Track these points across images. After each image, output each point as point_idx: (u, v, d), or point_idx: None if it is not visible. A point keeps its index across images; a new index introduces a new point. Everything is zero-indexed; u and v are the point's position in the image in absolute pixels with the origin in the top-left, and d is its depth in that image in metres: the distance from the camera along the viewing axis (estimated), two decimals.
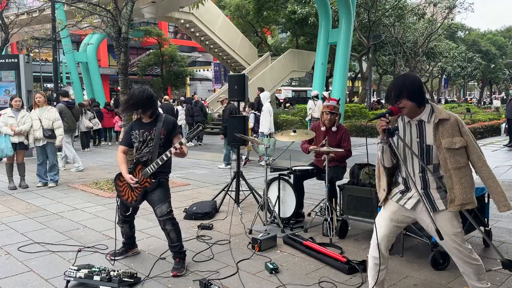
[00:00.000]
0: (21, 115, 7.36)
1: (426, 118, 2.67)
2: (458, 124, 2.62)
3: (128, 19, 7.14)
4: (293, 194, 4.94)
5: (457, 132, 2.61)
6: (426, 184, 2.71)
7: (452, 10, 28.39)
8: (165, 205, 3.69)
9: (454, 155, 2.60)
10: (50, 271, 3.75)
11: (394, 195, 2.85)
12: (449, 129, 2.61)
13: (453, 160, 2.60)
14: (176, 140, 3.71)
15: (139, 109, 3.68)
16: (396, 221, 2.84)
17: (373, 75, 35.81)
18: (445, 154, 2.60)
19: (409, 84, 2.62)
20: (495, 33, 50.38)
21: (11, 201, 6.45)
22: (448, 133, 2.60)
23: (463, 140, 2.61)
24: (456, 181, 2.61)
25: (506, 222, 5.08)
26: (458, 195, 2.60)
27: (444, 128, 2.61)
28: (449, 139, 2.59)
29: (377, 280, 2.84)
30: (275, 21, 25.61)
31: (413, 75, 2.73)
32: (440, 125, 2.62)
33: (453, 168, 2.60)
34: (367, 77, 25.92)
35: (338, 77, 15.73)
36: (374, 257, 2.85)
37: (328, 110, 4.99)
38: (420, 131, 2.69)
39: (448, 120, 2.62)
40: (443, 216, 2.67)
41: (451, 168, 2.61)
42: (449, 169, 2.61)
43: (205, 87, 39.06)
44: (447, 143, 2.59)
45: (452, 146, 2.59)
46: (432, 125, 2.64)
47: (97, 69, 21.09)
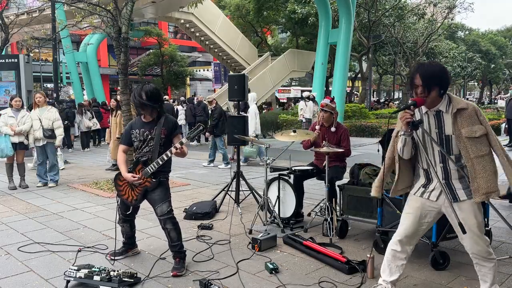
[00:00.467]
0: (21, 115, 7.36)
1: (444, 109, 2.62)
2: (477, 113, 2.59)
3: (128, 19, 7.14)
4: (293, 194, 4.94)
5: (476, 120, 2.58)
6: (447, 174, 2.68)
7: (452, 10, 28.39)
8: (165, 204, 3.69)
9: (476, 143, 2.56)
10: (50, 271, 3.75)
11: (417, 190, 2.81)
12: (467, 118, 2.57)
13: (475, 149, 2.56)
14: (176, 140, 3.70)
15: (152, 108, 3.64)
16: (421, 217, 2.79)
17: (373, 75, 35.81)
18: (466, 143, 2.56)
19: (440, 74, 2.56)
20: (495, 33, 50.38)
21: (11, 201, 6.45)
22: (468, 122, 2.56)
23: (483, 128, 2.57)
24: (479, 169, 2.58)
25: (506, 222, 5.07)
26: (482, 184, 2.58)
27: (463, 118, 2.57)
28: (469, 127, 2.55)
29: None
30: (275, 21, 25.61)
31: (440, 64, 2.66)
32: (459, 114, 2.58)
33: (475, 156, 2.57)
34: (367, 77, 25.93)
35: (338, 77, 15.73)
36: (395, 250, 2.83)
37: (320, 108, 5.04)
38: (438, 121, 2.65)
39: (466, 109, 2.58)
40: (465, 207, 2.63)
41: (473, 157, 2.57)
42: (471, 158, 2.57)
43: (205, 87, 39.05)
44: (467, 132, 2.55)
45: (473, 134, 2.55)
46: (450, 115, 2.59)
47: (97, 69, 21.09)
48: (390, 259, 2.86)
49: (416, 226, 2.82)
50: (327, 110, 5.03)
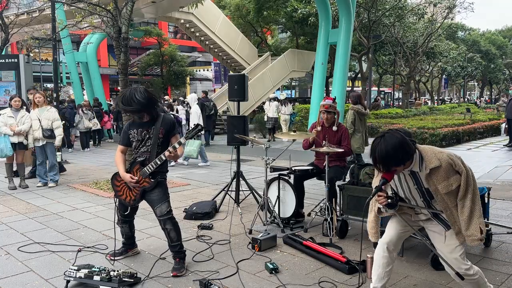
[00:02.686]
0: (21, 115, 7.36)
1: (417, 169, 2.63)
2: (452, 166, 2.58)
3: (128, 19, 7.14)
4: (293, 194, 4.94)
5: (452, 172, 2.58)
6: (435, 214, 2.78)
7: (452, 10, 28.38)
8: (164, 204, 3.68)
9: (452, 193, 2.61)
10: (50, 271, 3.75)
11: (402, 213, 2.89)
12: (443, 174, 2.57)
13: (453, 199, 2.62)
14: (174, 140, 3.70)
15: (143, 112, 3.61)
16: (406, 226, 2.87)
17: (373, 75, 35.79)
18: (443, 196, 2.61)
19: (393, 154, 2.50)
20: (495, 33, 50.37)
21: (11, 201, 6.45)
22: (443, 178, 2.57)
23: (459, 177, 2.59)
24: (456, 214, 2.64)
25: (506, 222, 5.08)
26: (463, 227, 2.62)
27: (438, 175, 2.58)
28: (445, 182, 2.57)
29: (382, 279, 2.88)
30: (275, 21, 25.59)
31: (393, 140, 2.53)
32: (433, 173, 2.58)
33: (453, 206, 2.63)
34: (367, 77, 25.92)
35: (338, 77, 15.71)
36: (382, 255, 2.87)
37: (324, 109, 5.04)
38: (415, 179, 2.68)
39: (440, 167, 2.57)
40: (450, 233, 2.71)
41: (452, 207, 2.63)
42: (450, 208, 2.63)
43: (205, 87, 39.00)
44: (444, 188, 2.58)
45: (450, 188, 2.58)
46: (424, 173, 2.62)
47: (97, 69, 21.07)
48: (378, 264, 2.90)
49: (401, 230, 2.88)
50: (330, 111, 5.03)
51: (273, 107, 15.28)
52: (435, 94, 46.64)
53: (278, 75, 21.92)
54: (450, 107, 32.49)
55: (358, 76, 30.24)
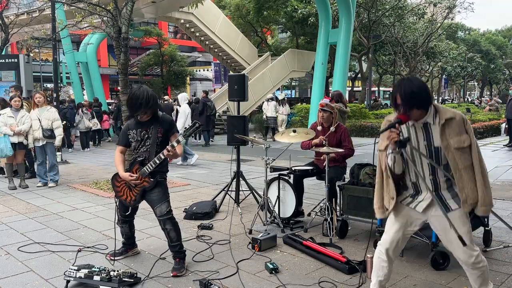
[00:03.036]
0: (21, 115, 7.36)
1: (431, 120, 2.60)
2: (464, 122, 2.57)
3: (128, 19, 7.13)
4: (293, 194, 4.94)
5: (463, 130, 2.56)
6: (437, 185, 2.67)
7: (452, 10, 28.38)
8: (164, 204, 3.69)
9: (463, 153, 2.54)
10: (50, 271, 3.75)
11: (404, 199, 2.79)
12: (456, 128, 2.55)
13: (463, 159, 2.55)
14: (173, 139, 3.70)
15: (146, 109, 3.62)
16: (407, 225, 2.79)
17: (373, 75, 35.78)
18: (455, 154, 2.54)
19: (419, 93, 2.52)
20: (495, 33, 50.38)
21: (11, 201, 6.45)
22: (455, 132, 2.54)
23: (469, 138, 2.56)
24: (466, 179, 2.55)
25: (506, 222, 5.07)
26: (470, 195, 2.55)
27: (451, 128, 2.55)
28: (457, 138, 2.54)
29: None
30: (275, 21, 25.60)
31: (419, 81, 2.61)
32: (447, 125, 2.56)
33: (463, 167, 2.55)
34: (367, 77, 25.92)
35: (338, 77, 15.72)
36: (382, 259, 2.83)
37: (320, 108, 5.05)
38: (426, 133, 2.62)
39: (454, 119, 2.56)
40: (456, 216, 2.62)
41: (462, 168, 2.55)
42: (460, 169, 2.55)
43: (205, 87, 39.00)
44: (456, 143, 2.53)
45: (462, 145, 2.53)
46: (438, 126, 2.58)
47: (97, 69, 21.08)
48: (377, 267, 2.87)
49: (401, 234, 2.81)
50: (326, 110, 5.04)
51: (271, 106, 15.61)
52: (435, 94, 46.65)
53: (278, 75, 21.92)
54: (450, 107, 32.45)
55: (358, 76, 30.27)
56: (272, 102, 15.76)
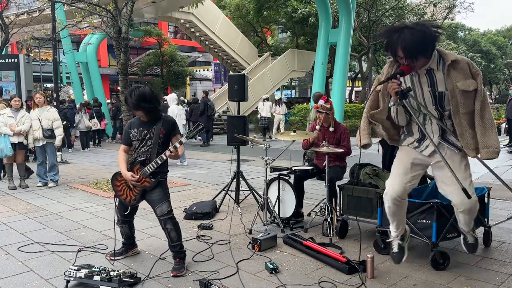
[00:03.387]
0: (21, 115, 7.36)
1: (435, 66, 2.53)
2: (469, 66, 2.50)
3: (128, 19, 7.14)
4: (293, 194, 4.94)
5: (469, 74, 2.49)
6: (444, 130, 2.64)
7: (452, 10, 28.37)
8: (165, 204, 3.69)
9: (467, 98, 2.49)
10: (50, 271, 3.75)
11: (411, 143, 2.76)
12: (461, 71, 2.49)
13: (466, 104, 2.49)
14: (175, 140, 3.71)
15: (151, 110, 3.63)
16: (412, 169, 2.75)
17: (373, 75, 35.78)
18: (459, 98, 2.48)
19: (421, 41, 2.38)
20: (495, 33, 50.38)
21: (11, 201, 6.45)
22: (462, 75, 2.48)
23: (475, 83, 2.49)
24: (465, 124, 2.51)
25: (506, 222, 5.08)
26: (469, 140, 2.51)
27: (457, 71, 2.48)
28: (463, 81, 2.47)
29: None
30: (275, 21, 25.60)
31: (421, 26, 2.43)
32: (452, 68, 2.48)
33: (464, 113, 2.50)
34: (367, 77, 25.92)
35: (338, 77, 15.71)
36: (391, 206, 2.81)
37: (315, 109, 5.07)
38: (430, 79, 2.56)
39: (459, 62, 2.49)
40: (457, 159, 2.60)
41: (462, 113, 2.50)
42: (460, 114, 2.50)
43: (205, 87, 38.98)
44: (463, 85, 2.47)
45: (467, 88, 2.47)
46: (442, 71, 2.51)
47: (97, 69, 21.05)
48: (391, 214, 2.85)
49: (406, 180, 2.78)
50: (322, 111, 5.04)
51: (266, 107, 15.76)
52: None
53: (278, 75, 21.92)
54: None
55: (358, 76, 30.26)
56: (267, 102, 15.86)
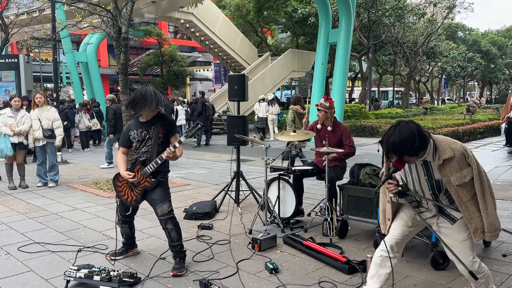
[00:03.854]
0: (21, 115, 7.36)
1: (431, 158, 2.59)
2: (465, 157, 2.54)
3: (128, 19, 7.14)
4: (293, 194, 4.94)
5: (465, 164, 2.54)
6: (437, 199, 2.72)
7: (452, 10, 28.38)
8: (166, 204, 3.69)
9: (466, 186, 2.54)
10: (50, 271, 3.75)
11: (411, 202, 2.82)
12: (456, 165, 2.52)
13: (466, 192, 2.55)
14: (174, 140, 3.71)
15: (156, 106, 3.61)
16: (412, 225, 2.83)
17: (373, 75, 35.79)
18: (457, 189, 2.55)
19: (407, 146, 2.47)
20: (495, 33, 50.37)
21: (11, 201, 6.45)
22: (456, 169, 2.52)
23: (471, 170, 2.53)
24: (473, 210, 2.56)
25: (506, 222, 5.08)
26: (478, 224, 2.57)
27: (451, 166, 2.53)
28: (458, 174, 2.52)
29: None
30: (275, 21, 25.61)
31: (408, 130, 2.50)
32: (447, 163, 2.54)
33: (468, 200, 2.56)
34: (367, 77, 25.92)
35: (338, 77, 15.71)
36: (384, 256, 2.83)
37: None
38: (426, 169, 2.64)
39: (453, 158, 2.53)
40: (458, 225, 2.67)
41: (466, 200, 2.56)
42: (464, 202, 2.56)
43: (205, 87, 39.00)
44: (457, 180, 2.52)
45: (463, 180, 2.52)
46: (437, 165, 2.57)
47: (97, 69, 21.05)
48: (378, 264, 2.85)
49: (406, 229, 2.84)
50: (321, 109, 5.04)
51: (263, 107, 15.92)
52: (435, 94, 46.65)
53: (278, 75, 21.92)
54: (450, 107, 32.51)
55: (358, 76, 30.27)
56: (263, 103, 15.94)
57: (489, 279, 2.73)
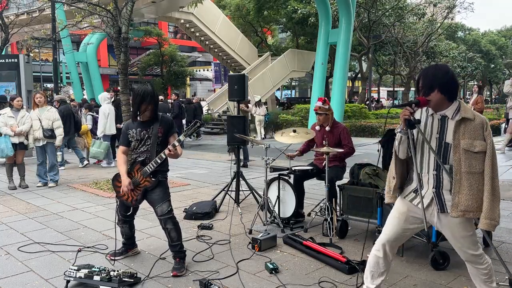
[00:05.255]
0: (21, 115, 7.36)
1: (450, 114, 2.53)
2: (483, 127, 2.47)
3: (128, 19, 7.14)
4: (293, 194, 4.94)
5: (480, 135, 2.47)
6: (439, 183, 2.59)
7: (452, 10, 28.38)
8: (165, 204, 3.69)
9: (470, 158, 2.46)
10: (50, 271, 3.75)
11: (408, 194, 2.74)
12: (471, 130, 2.46)
13: (468, 163, 2.47)
14: (173, 139, 3.71)
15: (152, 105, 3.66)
16: (407, 222, 2.73)
17: (373, 75, 35.80)
18: (461, 155, 2.47)
19: (442, 76, 2.48)
20: (495, 33, 50.39)
21: (11, 201, 6.45)
22: (470, 135, 2.46)
23: (484, 145, 2.46)
24: (465, 185, 2.48)
25: (506, 222, 5.08)
26: (462, 201, 2.48)
27: (467, 128, 2.47)
28: (469, 140, 2.45)
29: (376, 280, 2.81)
30: (275, 21, 25.63)
31: (446, 67, 2.57)
32: (463, 123, 2.48)
33: (465, 171, 2.48)
34: (367, 77, 25.93)
35: (338, 77, 15.74)
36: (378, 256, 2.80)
37: (315, 112, 5.08)
38: (441, 126, 2.56)
39: (472, 121, 2.47)
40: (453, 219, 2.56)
41: (464, 171, 2.48)
42: (462, 172, 2.48)
43: (205, 87, 39.07)
44: (466, 144, 2.45)
45: (471, 148, 2.45)
46: (454, 122, 2.51)
47: (97, 69, 21.08)
48: (372, 265, 2.81)
49: (400, 231, 2.76)
50: (321, 113, 5.04)
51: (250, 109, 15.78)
52: None
53: (278, 75, 21.94)
54: None
55: (358, 76, 30.27)
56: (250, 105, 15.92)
57: (492, 272, 2.68)
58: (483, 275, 2.66)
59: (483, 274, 2.66)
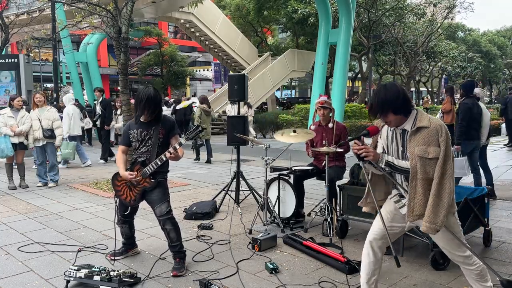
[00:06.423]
0: (21, 115, 7.36)
1: (409, 127, 2.58)
2: (438, 133, 2.48)
3: (128, 19, 7.14)
4: (293, 194, 4.94)
5: (435, 141, 2.48)
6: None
7: (452, 10, 28.37)
8: (164, 204, 3.69)
9: (425, 164, 2.49)
10: (50, 271, 3.75)
11: (394, 196, 2.81)
12: (425, 136, 2.49)
13: (423, 170, 2.49)
14: (174, 141, 3.71)
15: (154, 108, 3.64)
16: (393, 220, 2.78)
17: (373, 75, 35.78)
18: (417, 162, 2.49)
19: (392, 99, 2.51)
20: (495, 33, 50.39)
21: (11, 201, 6.45)
22: (424, 141, 2.49)
23: (438, 150, 2.47)
24: (420, 191, 2.50)
25: (506, 222, 5.08)
26: (417, 207, 2.51)
27: (421, 136, 2.50)
28: (423, 147, 2.48)
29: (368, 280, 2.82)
30: (275, 21, 25.62)
31: (395, 87, 2.59)
32: (419, 131, 2.52)
33: (421, 178, 2.50)
34: (367, 77, 25.92)
35: (338, 77, 15.72)
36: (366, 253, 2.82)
37: (320, 105, 5.10)
38: (403, 140, 2.62)
39: (427, 128, 2.50)
40: None
41: (419, 178, 2.50)
42: (417, 179, 2.50)
43: (205, 87, 39.03)
44: (420, 151, 2.48)
45: (425, 155, 2.47)
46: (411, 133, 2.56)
47: (97, 69, 21.05)
48: (365, 263, 2.84)
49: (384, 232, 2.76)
50: (326, 107, 5.09)
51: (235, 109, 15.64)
52: (436, 94, 46.65)
53: (278, 75, 21.94)
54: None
55: (358, 76, 30.25)
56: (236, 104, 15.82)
57: (484, 272, 2.70)
58: (475, 275, 2.70)
59: (474, 274, 2.70)
